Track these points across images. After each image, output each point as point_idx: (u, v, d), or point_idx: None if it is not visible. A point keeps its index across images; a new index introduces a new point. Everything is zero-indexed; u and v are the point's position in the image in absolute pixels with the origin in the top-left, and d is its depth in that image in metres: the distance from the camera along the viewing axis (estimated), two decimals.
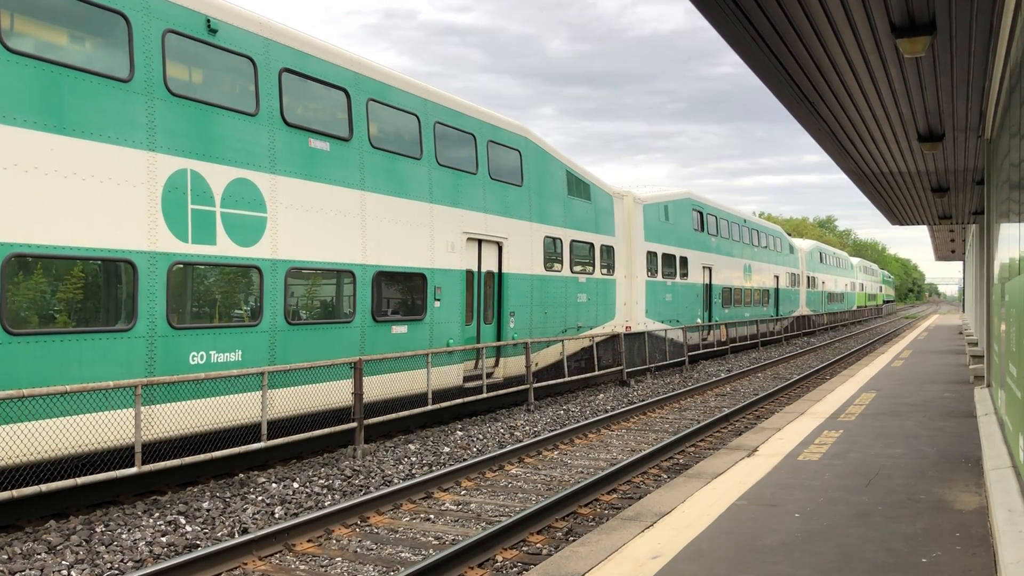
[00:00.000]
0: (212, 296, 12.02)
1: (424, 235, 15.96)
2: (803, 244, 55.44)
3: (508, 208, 18.88)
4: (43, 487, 8.87)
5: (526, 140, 19.96)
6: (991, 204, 13.45)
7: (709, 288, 33.36)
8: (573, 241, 21.99)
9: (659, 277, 27.95)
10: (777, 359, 32.33)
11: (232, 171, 11.85)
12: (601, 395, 21.42)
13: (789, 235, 55.66)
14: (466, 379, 17.06)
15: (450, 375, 16.41)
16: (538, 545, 8.72)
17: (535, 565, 7.58)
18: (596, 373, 22.43)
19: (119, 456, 10.07)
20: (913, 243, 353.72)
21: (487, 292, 18.31)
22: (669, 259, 28.92)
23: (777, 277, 44.98)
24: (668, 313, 28.64)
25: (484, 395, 17.34)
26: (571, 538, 8.95)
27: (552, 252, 20.93)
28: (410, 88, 15.80)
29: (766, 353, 37.01)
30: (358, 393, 13.21)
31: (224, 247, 11.70)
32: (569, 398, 20.93)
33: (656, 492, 8.75)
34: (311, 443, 13.35)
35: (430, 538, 9.05)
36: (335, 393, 13.39)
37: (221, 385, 11.46)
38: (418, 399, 15.16)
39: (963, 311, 60.30)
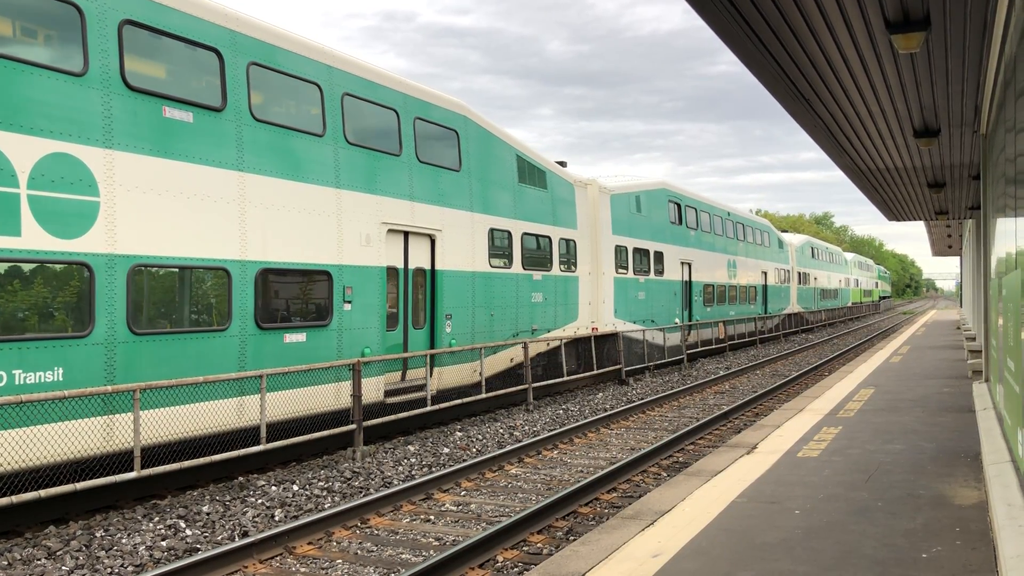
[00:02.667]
0: (16, 301, 9.48)
1: (329, 226, 13.67)
2: (793, 239, 53.30)
3: (442, 196, 16.67)
4: (42, 492, 8.86)
5: (465, 119, 17.66)
6: (987, 199, 13.47)
7: (688, 285, 31.35)
8: (525, 234, 19.87)
9: (630, 274, 25.94)
10: (775, 356, 32.35)
11: (46, 144, 9.62)
12: (600, 394, 21.42)
13: (785, 232, 54.67)
14: (388, 393, 14.91)
15: (365, 390, 13.75)
16: (539, 545, 8.72)
17: (536, 565, 7.58)
18: (564, 379, 20.83)
19: (118, 461, 10.05)
20: (910, 239, 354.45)
21: (417, 292, 16.12)
22: (642, 254, 26.99)
23: (765, 273, 43.13)
24: (641, 313, 26.68)
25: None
26: (572, 537, 8.96)
27: (499, 246, 18.80)
28: (308, 52, 13.55)
29: (764, 350, 37.03)
30: (357, 395, 13.20)
31: (33, 239, 9.46)
32: (568, 397, 20.92)
33: (656, 490, 8.75)
34: (310, 445, 13.34)
35: (431, 539, 9.04)
36: (241, 412, 11.80)
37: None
38: (326, 420, 13.20)
39: (960, 306, 60.37)
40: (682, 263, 30.53)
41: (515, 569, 8.02)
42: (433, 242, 16.48)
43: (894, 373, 20.08)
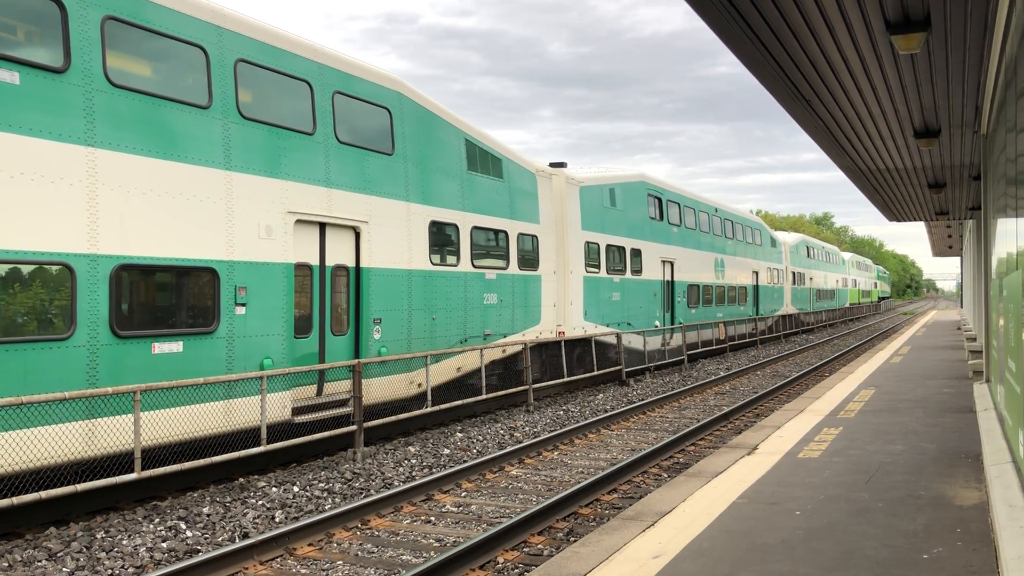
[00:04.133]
0: None
1: (215, 214, 11.59)
2: (787, 237, 51.29)
3: (370, 183, 14.57)
4: (43, 494, 8.85)
5: (399, 96, 15.45)
6: (988, 199, 13.47)
7: (671, 285, 29.32)
8: (476, 228, 17.77)
9: (602, 272, 23.97)
10: (776, 357, 32.34)
11: None
12: (600, 395, 21.41)
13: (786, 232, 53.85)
14: (299, 411, 12.87)
15: (269, 407, 11.83)
16: (539, 546, 8.72)
17: (536, 566, 7.57)
18: (525, 387, 18.67)
19: (118, 462, 10.04)
20: (911, 239, 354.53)
21: (337, 294, 14.09)
22: (616, 252, 24.97)
23: (756, 273, 41.14)
24: (615, 315, 24.73)
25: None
26: (572, 539, 8.95)
27: (443, 241, 16.74)
28: (189, 9, 11.50)
29: (765, 351, 37.02)
30: (357, 396, 13.20)
31: None
32: (568, 398, 20.92)
33: (657, 491, 8.75)
34: (311, 447, 13.34)
35: (431, 540, 9.04)
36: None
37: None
38: (212, 445, 11.29)
39: (961, 307, 60.35)
40: (663, 261, 28.63)
41: (516, 570, 8.01)
42: (358, 236, 14.40)
43: (895, 374, 20.08)
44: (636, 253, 26.35)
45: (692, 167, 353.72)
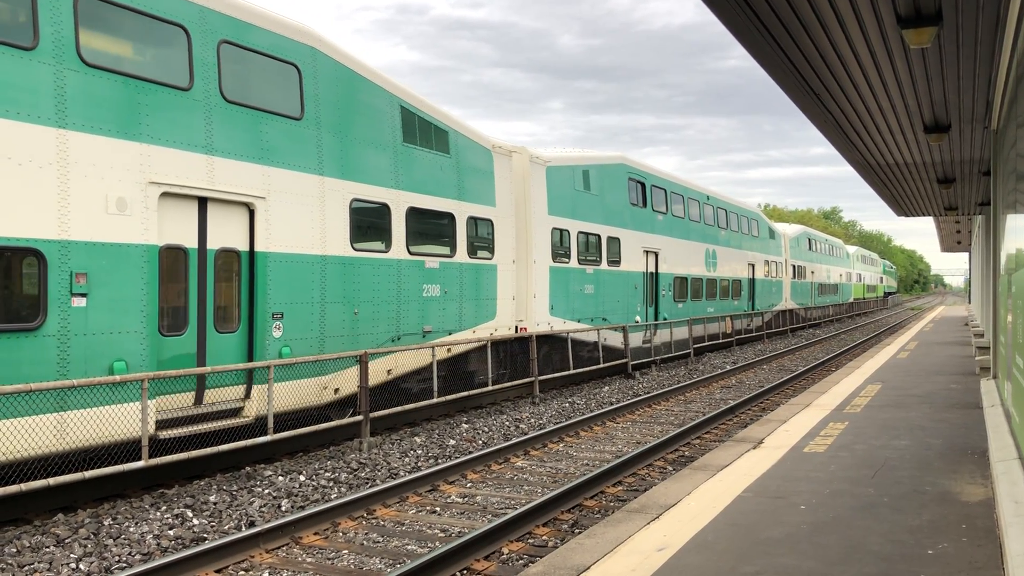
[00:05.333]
0: None
1: (42, 181, 9.44)
2: (787, 229, 48.71)
3: (269, 151, 12.36)
4: (51, 480, 8.91)
5: (313, 52, 13.30)
6: (997, 195, 13.43)
7: (655, 278, 27.28)
8: (413, 209, 15.50)
9: (573, 263, 21.88)
10: (782, 351, 32.31)
11: None
12: (606, 388, 21.42)
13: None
14: (166, 423, 10.75)
15: (125, 421, 10.04)
16: (544, 537, 8.74)
17: (541, 557, 7.59)
18: (481, 391, 17.01)
19: (126, 449, 10.10)
20: (919, 234, 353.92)
21: (222, 283, 11.85)
22: (590, 240, 23.00)
23: (752, 266, 38.93)
24: (588, 309, 22.68)
25: (490, 388, 16.41)
26: (577, 530, 8.98)
27: (370, 224, 14.60)
28: None
29: (771, 345, 36.97)
30: (364, 386, 13.24)
31: None
32: (574, 391, 20.93)
33: (662, 484, 8.76)
34: (317, 436, 13.39)
35: (436, 531, 9.07)
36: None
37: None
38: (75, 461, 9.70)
39: (969, 302, 60.16)
40: (646, 252, 26.55)
41: (520, 561, 8.04)
42: (252, 213, 12.16)
43: (901, 369, 20.04)
44: (614, 242, 24.28)
45: (701, 160, 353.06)
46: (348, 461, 12.34)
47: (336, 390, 13.47)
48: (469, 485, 11.18)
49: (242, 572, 7.81)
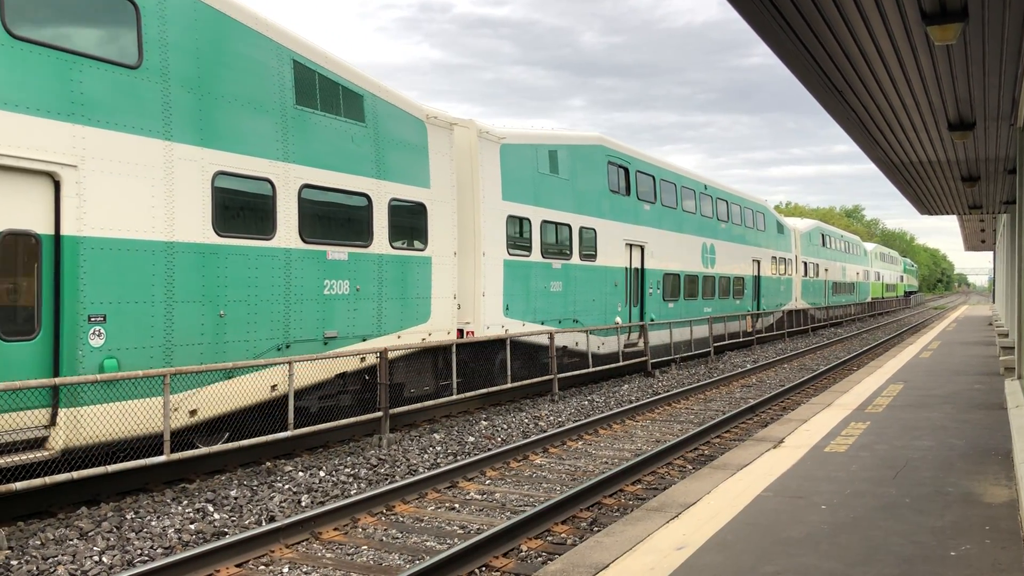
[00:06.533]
0: None
1: None
2: (798, 223, 45.49)
3: (85, 106, 9.71)
4: (74, 474, 9.00)
5: None
6: (1023, 194, 13.27)
7: (640, 274, 24.50)
8: (310, 188, 12.76)
9: (535, 256, 19.05)
10: (803, 350, 32.12)
11: None
12: (626, 386, 21.38)
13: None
14: None
15: None
16: (563, 535, 8.74)
17: (560, 555, 7.60)
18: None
19: (149, 444, 10.19)
20: (943, 233, 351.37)
21: (10, 276, 9.29)
22: (559, 231, 20.21)
23: (758, 262, 36.03)
24: (555, 310, 19.87)
25: (507, 386, 16.40)
26: (596, 528, 8.97)
27: (246, 203, 11.92)
28: None
29: (792, 344, 36.76)
30: (384, 383, 13.28)
31: None
32: (593, 388, 20.91)
33: (681, 483, 8.74)
34: (337, 432, 13.45)
35: (455, 527, 9.09)
36: None
37: None
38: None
39: (993, 302, 59.52)
40: (630, 245, 23.72)
41: (539, 559, 8.04)
42: (58, 187, 9.51)
43: (924, 369, 19.86)
44: (588, 234, 21.43)
45: (722, 158, 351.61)
46: (368, 457, 12.39)
47: (193, 411, 10.82)
48: (488, 482, 11.20)
49: (262, 567, 7.87)
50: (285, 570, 7.76)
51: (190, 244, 10.97)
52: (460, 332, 16.70)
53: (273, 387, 12.00)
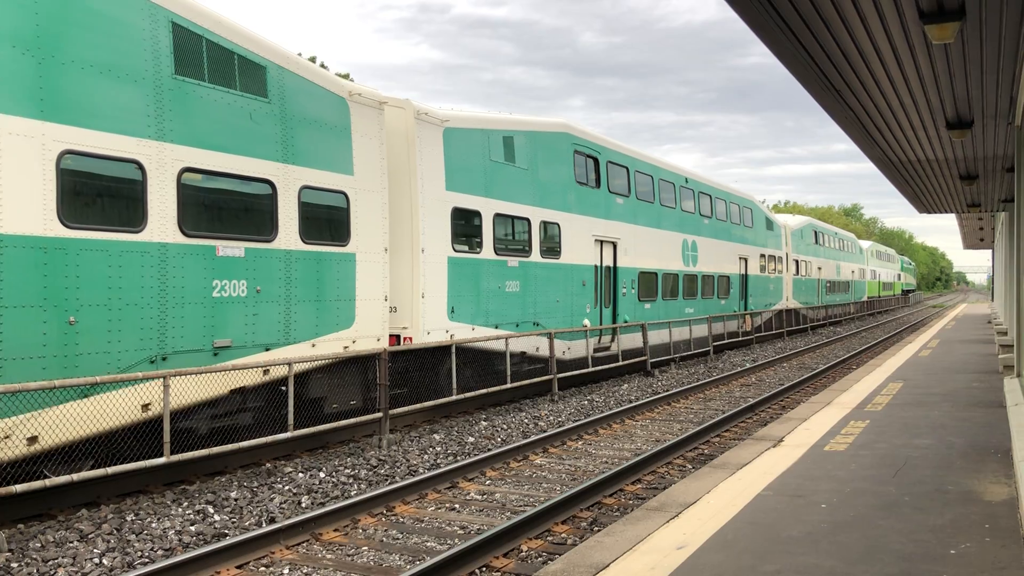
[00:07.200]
0: None
1: None
2: (789, 220, 43.57)
3: None
4: (75, 476, 9.00)
5: None
6: (1021, 192, 13.29)
7: (612, 273, 22.76)
8: (191, 172, 10.95)
9: (486, 253, 17.25)
10: (802, 349, 32.13)
11: None
12: (625, 385, 21.39)
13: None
14: None
15: None
16: (563, 535, 8.75)
17: (560, 555, 7.60)
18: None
19: (148, 445, 10.18)
20: (941, 231, 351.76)
21: None
22: (516, 226, 18.55)
23: (745, 260, 34.26)
24: (511, 312, 18.05)
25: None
26: (596, 528, 8.97)
27: (106, 190, 10.15)
28: None
29: (792, 343, 36.78)
30: (384, 384, 13.28)
31: None
32: (593, 388, 20.91)
33: (681, 482, 8.74)
34: (337, 433, 13.45)
35: (455, 528, 9.10)
36: None
37: None
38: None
39: (992, 300, 59.55)
40: (600, 242, 22.00)
41: (539, 559, 8.05)
42: None
43: (923, 367, 19.88)
44: (552, 229, 19.75)
45: (721, 157, 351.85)
46: (368, 458, 12.39)
47: (33, 438, 9.04)
48: (488, 482, 11.21)
49: (263, 568, 7.87)
50: (286, 571, 7.77)
51: (24, 237, 9.06)
52: (396, 339, 15.20)
53: (145, 406, 10.26)
